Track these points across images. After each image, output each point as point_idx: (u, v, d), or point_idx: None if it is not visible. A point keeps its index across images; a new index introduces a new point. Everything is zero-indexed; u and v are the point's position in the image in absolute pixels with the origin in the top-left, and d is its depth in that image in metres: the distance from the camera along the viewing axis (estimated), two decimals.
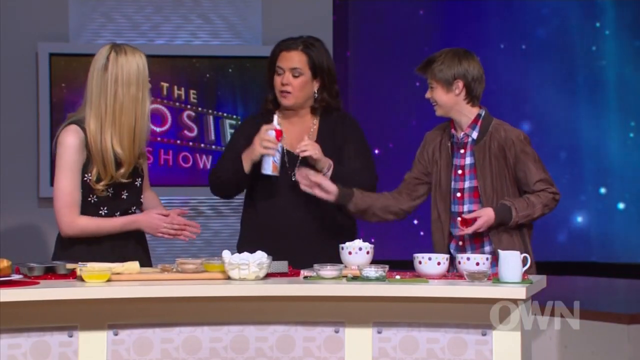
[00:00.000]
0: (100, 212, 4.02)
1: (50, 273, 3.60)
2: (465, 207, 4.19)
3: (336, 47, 7.64)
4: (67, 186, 3.95)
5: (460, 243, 4.21)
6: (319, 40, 4.44)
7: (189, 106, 7.04)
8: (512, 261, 3.53)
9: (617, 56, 8.86)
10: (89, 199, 4.00)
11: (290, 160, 4.36)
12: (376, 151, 8.67)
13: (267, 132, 4.22)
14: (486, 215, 4.08)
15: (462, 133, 4.22)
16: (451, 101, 4.19)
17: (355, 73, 8.78)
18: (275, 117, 4.29)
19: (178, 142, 7.02)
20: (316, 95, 4.39)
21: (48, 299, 3.34)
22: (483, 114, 4.23)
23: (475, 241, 4.18)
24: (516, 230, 4.16)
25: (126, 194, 4.06)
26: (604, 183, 8.84)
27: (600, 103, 8.86)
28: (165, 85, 6.98)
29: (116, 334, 3.47)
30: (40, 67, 6.80)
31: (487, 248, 4.15)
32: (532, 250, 4.19)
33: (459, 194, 4.22)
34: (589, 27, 8.93)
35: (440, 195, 4.27)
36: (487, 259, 3.63)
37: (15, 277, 3.45)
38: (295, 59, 4.35)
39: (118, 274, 3.54)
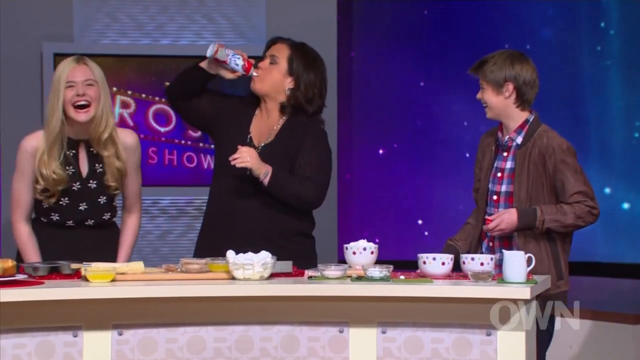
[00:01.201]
0: (52, 217, 4.10)
1: (54, 273, 3.61)
2: (500, 211, 4.09)
3: (340, 47, 7.64)
4: (15, 189, 4.09)
5: (491, 244, 4.16)
6: (317, 55, 4.36)
7: None
8: (517, 261, 3.52)
9: (622, 56, 8.85)
10: (43, 204, 4.09)
11: None
12: (380, 151, 8.66)
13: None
14: (507, 212, 4.01)
15: (507, 137, 4.15)
16: (501, 104, 4.12)
17: (360, 73, 8.78)
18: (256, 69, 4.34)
19: (182, 142, 7.02)
20: (287, 92, 4.32)
21: (52, 298, 3.35)
22: (531, 120, 4.15)
23: (505, 244, 4.10)
24: (545, 239, 4.06)
25: (85, 207, 4.10)
26: (609, 183, 8.83)
27: (605, 102, 8.85)
28: None
29: (121, 334, 3.48)
30: (44, 67, 6.80)
31: None
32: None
33: (495, 197, 4.15)
34: (594, 27, 8.92)
35: (479, 195, 4.24)
36: (491, 259, 3.61)
37: (20, 277, 3.46)
38: (278, 49, 4.35)
39: (122, 273, 3.54)
